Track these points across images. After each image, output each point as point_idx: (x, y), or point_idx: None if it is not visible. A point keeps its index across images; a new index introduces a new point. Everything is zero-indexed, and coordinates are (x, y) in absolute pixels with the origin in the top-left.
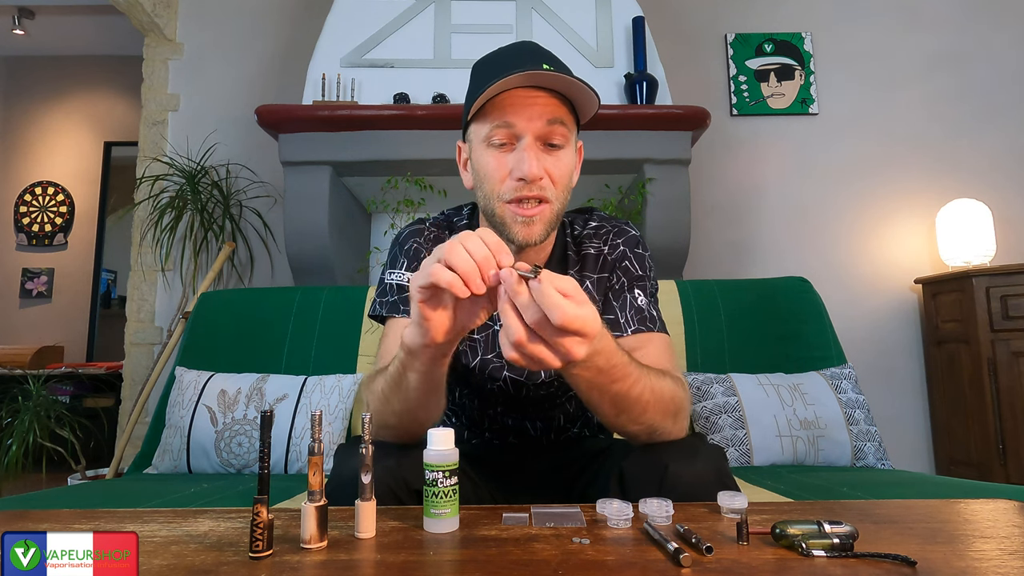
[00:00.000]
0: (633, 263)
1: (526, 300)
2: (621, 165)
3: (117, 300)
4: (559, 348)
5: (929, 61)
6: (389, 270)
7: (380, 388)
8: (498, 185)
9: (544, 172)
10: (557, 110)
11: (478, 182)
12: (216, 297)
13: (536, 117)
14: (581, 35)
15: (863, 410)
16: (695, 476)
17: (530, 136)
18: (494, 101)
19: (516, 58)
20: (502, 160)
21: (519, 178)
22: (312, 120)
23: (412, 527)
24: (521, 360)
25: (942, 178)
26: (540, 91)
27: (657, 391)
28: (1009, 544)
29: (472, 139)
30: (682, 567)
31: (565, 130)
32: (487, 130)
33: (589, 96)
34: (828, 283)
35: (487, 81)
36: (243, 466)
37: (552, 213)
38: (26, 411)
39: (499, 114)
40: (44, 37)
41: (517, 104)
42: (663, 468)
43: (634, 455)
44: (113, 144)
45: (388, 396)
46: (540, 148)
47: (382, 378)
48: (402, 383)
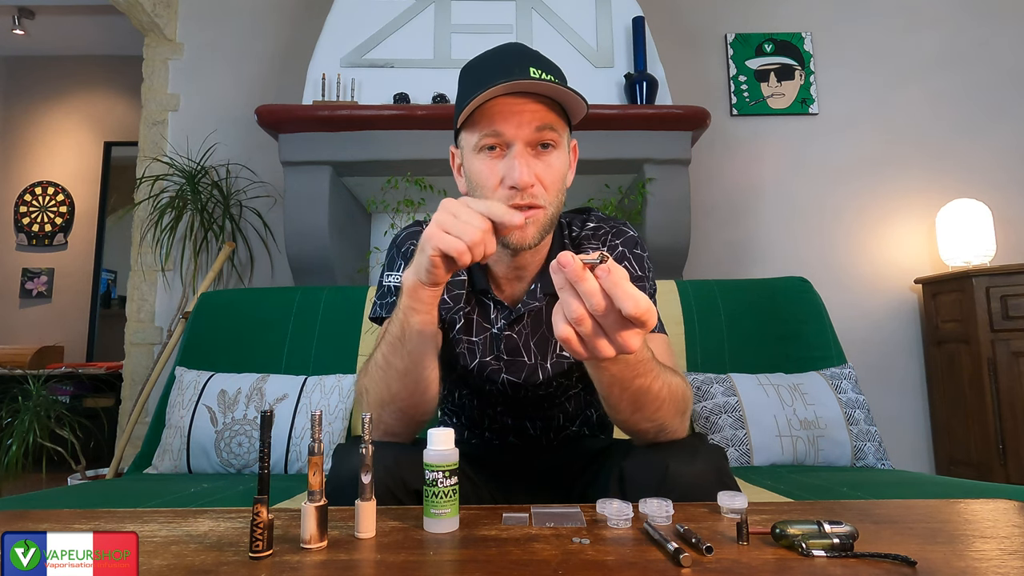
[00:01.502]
0: (632, 264)
1: (590, 288)
2: (621, 165)
3: (117, 300)
4: (617, 339)
5: (929, 61)
6: (387, 272)
7: (380, 356)
8: (490, 193)
9: (535, 179)
10: (546, 116)
11: (471, 189)
12: (216, 297)
13: (525, 124)
14: (581, 35)
15: (863, 410)
16: (696, 476)
17: (520, 143)
18: (482, 109)
19: (502, 63)
20: (493, 168)
21: (511, 186)
22: (312, 120)
23: (412, 527)
24: (574, 342)
25: (942, 178)
26: (528, 97)
27: (671, 387)
28: (1009, 544)
29: (463, 146)
30: (682, 567)
31: (555, 134)
32: (476, 138)
33: (576, 100)
34: (828, 283)
35: (474, 88)
36: (243, 466)
37: (545, 217)
38: (26, 411)
39: (487, 123)
40: (44, 37)
41: (505, 112)
42: (663, 468)
43: (634, 454)
44: (113, 144)
45: (390, 359)
46: (531, 153)
47: (379, 350)
48: (405, 334)
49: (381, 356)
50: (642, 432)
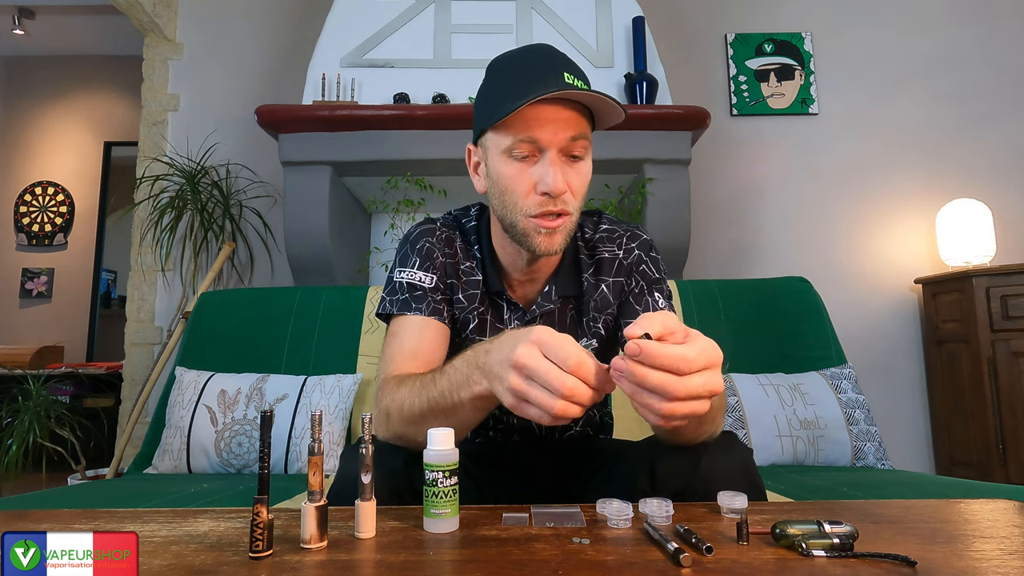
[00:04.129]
0: (650, 266)
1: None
2: (621, 165)
3: (117, 300)
4: (700, 392)
5: (929, 61)
6: (399, 268)
7: (418, 410)
8: (522, 199)
9: (567, 186)
10: (579, 124)
11: (496, 192)
12: (216, 297)
13: (560, 131)
14: (581, 35)
15: (863, 410)
16: (728, 472)
17: (554, 150)
18: (517, 113)
19: (538, 67)
20: (525, 173)
21: (543, 192)
22: (312, 120)
23: (412, 527)
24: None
25: (942, 178)
26: (564, 104)
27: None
28: (1009, 544)
29: (489, 146)
30: (682, 567)
31: (586, 143)
32: (509, 142)
33: (614, 109)
34: (828, 283)
35: (510, 91)
36: (243, 466)
37: (572, 224)
38: (26, 411)
39: (523, 128)
40: (44, 37)
41: (543, 119)
42: (696, 463)
43: (664, 451)
44: (113, 144)
45: (427, 418)
46: (562, 161)
47: (419, 398)
48: (455, 416)
49: (419, 412)
50: (690, 440)
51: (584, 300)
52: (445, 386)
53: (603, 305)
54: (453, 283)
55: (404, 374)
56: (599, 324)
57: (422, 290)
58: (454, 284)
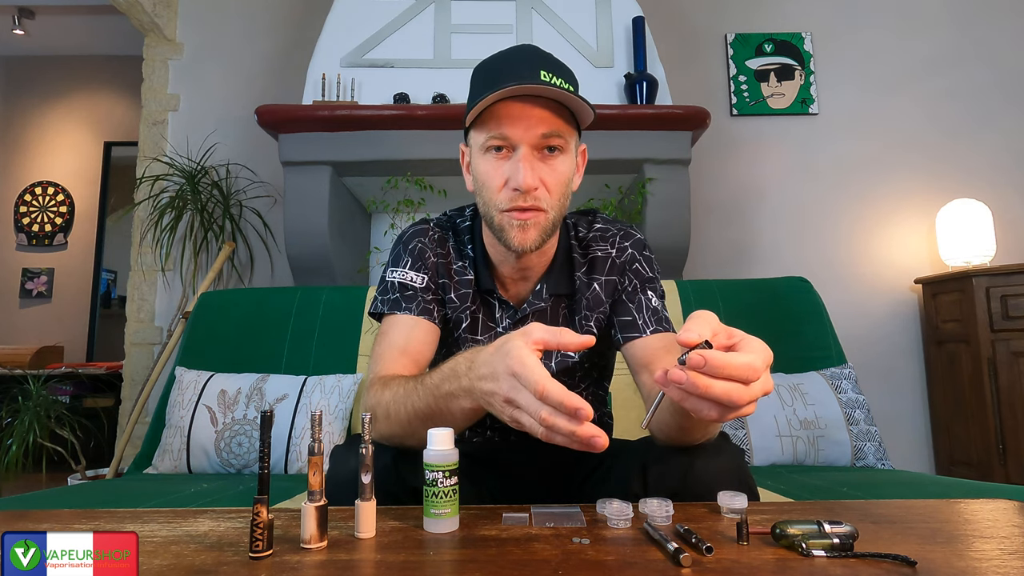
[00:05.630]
0: (643, 265)
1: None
2: (621, 165)
3: (117, 300)
4: (758, 396)
5: (929, 61)
6: (392, 268)
7: (404, 415)
8: (495, 194)
9: (539, 182)
10: (553, 122)
11: (478, 188)
12: (216, 297)
13: (531, 128)
14: (581, 35)
15: (863, 410)
16: (720, 473)
17: (525, 147)
18: (491, 111)
19: (514, 65)
20: (499, 169)
21: (514, 188)
22: (312, 120)
23: (412, 527)
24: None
25: (942, 178)
26: (537, 101)
27: None
28: (1009, 544)
29: (472, 145)
30: (682, 567)
31: (561, 140)
32: (484, 138)
33: (583, 107)
34: (828, 283)
35: (485, 89)
36: (243, 466)
37: (548, 220)
38: (26, 411)
39: (495, 124)
40: (44, 37)
41: (513, 115)
42: (688, 465)
43: (658, 452)
44: (113, 144)
45: (413, 424)
46: (536, 156)
47: (403, 403)
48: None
49: (405, 417)
50: (697, 440)
51: (576, 299)
52: (429, 400)
53: (595, 304)
54: (445, 283)
55: (390, 376)
56: (591, 323)
57: (413, 290)
58: (446, 284)
